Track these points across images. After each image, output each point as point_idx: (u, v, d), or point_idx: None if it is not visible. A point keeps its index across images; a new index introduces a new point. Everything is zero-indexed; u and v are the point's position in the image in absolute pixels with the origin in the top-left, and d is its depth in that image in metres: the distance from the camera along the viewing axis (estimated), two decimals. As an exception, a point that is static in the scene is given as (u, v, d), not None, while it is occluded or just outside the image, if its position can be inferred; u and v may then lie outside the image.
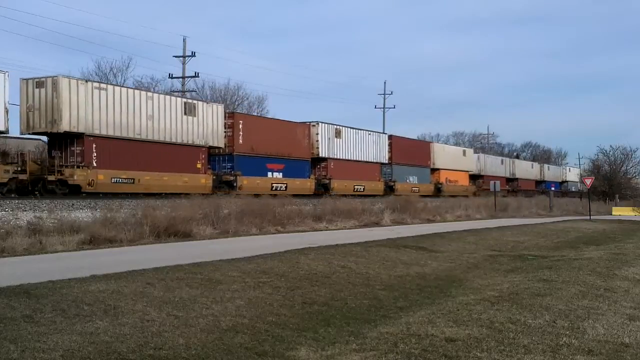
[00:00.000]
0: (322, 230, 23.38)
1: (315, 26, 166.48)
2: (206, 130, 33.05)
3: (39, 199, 23.46)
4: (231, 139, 34.60)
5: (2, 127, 25.09)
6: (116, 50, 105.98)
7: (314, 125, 41.50)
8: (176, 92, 49.14)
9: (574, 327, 8.20)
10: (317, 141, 41.40)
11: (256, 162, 35.89)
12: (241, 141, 35.08)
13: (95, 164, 27.45)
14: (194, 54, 48.72)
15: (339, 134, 43.62)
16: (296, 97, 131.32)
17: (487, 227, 27.27)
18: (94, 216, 19.08)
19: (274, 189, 36.43)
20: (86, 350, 6.39)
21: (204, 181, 32.50)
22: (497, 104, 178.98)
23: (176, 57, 48.86)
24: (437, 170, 57.54)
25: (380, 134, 50.04)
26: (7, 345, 6.32)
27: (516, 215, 40.59)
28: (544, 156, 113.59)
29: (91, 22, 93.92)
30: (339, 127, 43.87)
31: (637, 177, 79.74)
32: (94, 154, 27.56)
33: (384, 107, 72.77)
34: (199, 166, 32.61)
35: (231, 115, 35.79)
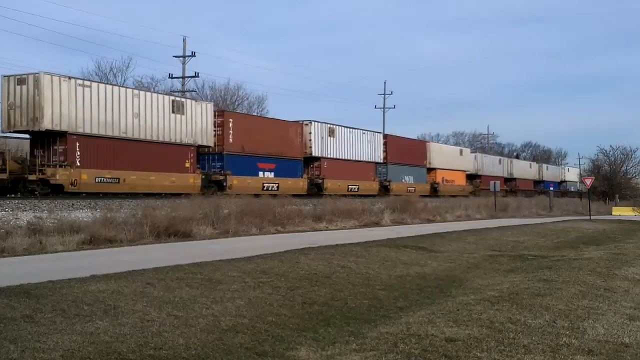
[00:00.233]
0: (322, 230, 23.38)
1: (315, 26, 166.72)
2: (195, 128, 32.44)
3: (39, 198, 23.42)
4: (221, 138, 33.99)
5: None
6: (116, 50, 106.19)
7: (306, 124, 40.96)
8: (176, 92, 49.13)
9: (574, 327, 8.20)
10: (310, 140, 40.83)
11: (247, 162, 35.34)
12: (231, 140, 34.47)
13: (78, 163, 26.81)
14: (194, 54, 48.72)
15: (332, 133, 43.07)
16: (296, 97, 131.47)
17: (487, 227, 27.27)
18: (94, 216, 19.08)
19: (265, 188, 35.91)
20: (86, 350, 6.39)
21: (192, 181, 31.98)
22: (497, 104, 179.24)
23: (176, 57, 48.87)
24: (434, 169, 57.08)
25: (375, 133, 49.27)
26: (7, 345, 6.31)
27: (516, 215, 40.59)
28: (543, 156, 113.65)
29: (91, 22, 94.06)
30: (332, 126, 43.26)
31: (637, 177, 79.78)
32: (78, 153, 26.91)
33: (384, 107, 72.85)
34: (188, 165, 32.08)
35: (221, 113, 35.25)
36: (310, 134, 40.95)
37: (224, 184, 33.45)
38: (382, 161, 49.05)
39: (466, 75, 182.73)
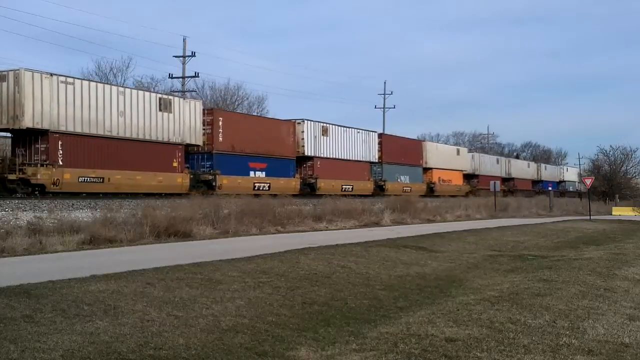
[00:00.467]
0: (322, 230, 23.39)
1: (315, 26, 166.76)
2: (183, 127, 31.64)
3: (39, 198, 23.38)
4: (210, 137, 33.25)
5: None
6: (116, 50, 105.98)
7: (299, 122, 40.21)
8: (176, 92, 49.13)
9: (574, 327, 8.20)
10: (303, 139, 40.06)
11: (237, 161, 34.73)
12: (221, 139, 33.81)
13: (61, 162, 26.05)
14: (194, 54, 48.74)
15: (325, 132, 42.29)
16: (296, 97, 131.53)
17: (487, 227, 27.28)
18: (94, 216, 19.09)
19: (256, 188, 35.29)
20: (86, 350, 6.39)
21: (180, 180, 31.27)
22: (497, 104, 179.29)
23: (176, 57, 48.89)
24: (430, 169, 56.59)
25: (369, 132, 48.33)
26: (7, 345, 6.31)
27: (516, 215, 40.60)
28: (543, 156, 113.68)
29: (91, 22, 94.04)
30: (325, 125, 42.44)
31: (637, 177, 79.79)
32: (60, 152, 26.11)
33: (384, 107, 72.85)
34: (175, 165, 31.36)
35: (210, 111, 34.62)
36: (302, 132, 40.18)
37: (214, 184, 32.78)
38: (377, 161, 48.44)
39: (466, 75, 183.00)
